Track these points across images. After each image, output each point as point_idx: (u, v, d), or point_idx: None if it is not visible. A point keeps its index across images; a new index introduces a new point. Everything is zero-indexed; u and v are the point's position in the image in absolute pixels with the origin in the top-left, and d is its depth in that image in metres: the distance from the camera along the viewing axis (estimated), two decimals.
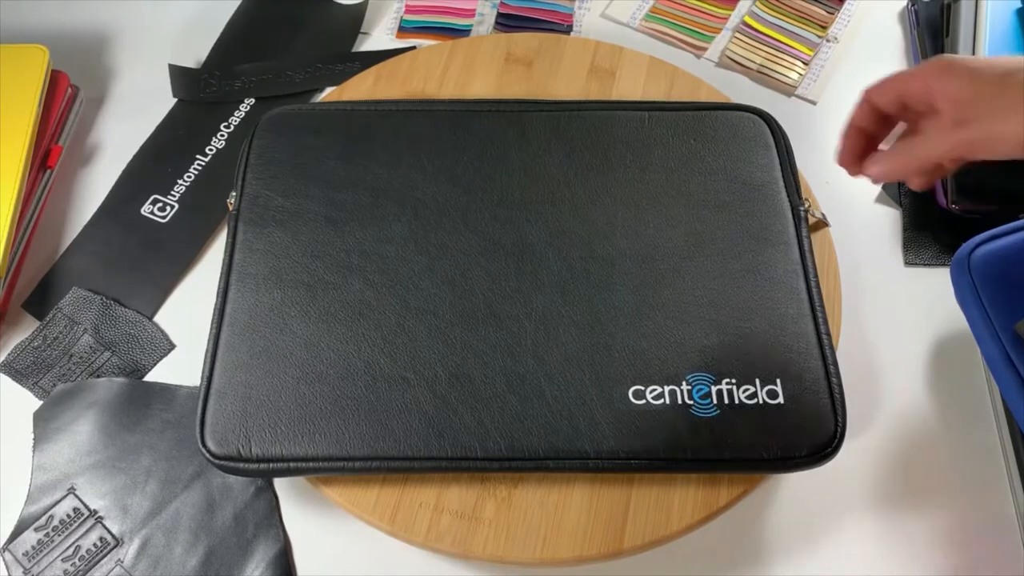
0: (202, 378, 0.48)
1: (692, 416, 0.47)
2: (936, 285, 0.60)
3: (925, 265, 0.62)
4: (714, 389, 0.48)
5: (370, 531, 0.48)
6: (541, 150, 0.57)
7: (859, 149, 0.49)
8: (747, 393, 0.48)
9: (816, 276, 0.52)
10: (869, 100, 0.47)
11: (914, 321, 0.60)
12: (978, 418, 0.56)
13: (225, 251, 0.53)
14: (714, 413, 0.47)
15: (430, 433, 0.47)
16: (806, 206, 0.54)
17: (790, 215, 0.54)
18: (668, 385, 0.48)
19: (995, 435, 0.56)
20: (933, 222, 0.63)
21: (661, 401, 0.48)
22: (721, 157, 0.55)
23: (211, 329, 0.50)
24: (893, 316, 0.60)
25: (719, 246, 0.53)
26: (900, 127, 0.48)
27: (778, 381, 0.48)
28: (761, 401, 0.47)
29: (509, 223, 0.53)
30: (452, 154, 0.56)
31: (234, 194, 0.55)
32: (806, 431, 0.47)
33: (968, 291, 0.51)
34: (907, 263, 0.62)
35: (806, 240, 0.53)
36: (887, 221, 0.64)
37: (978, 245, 0.52)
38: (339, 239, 0.53)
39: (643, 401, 0.48)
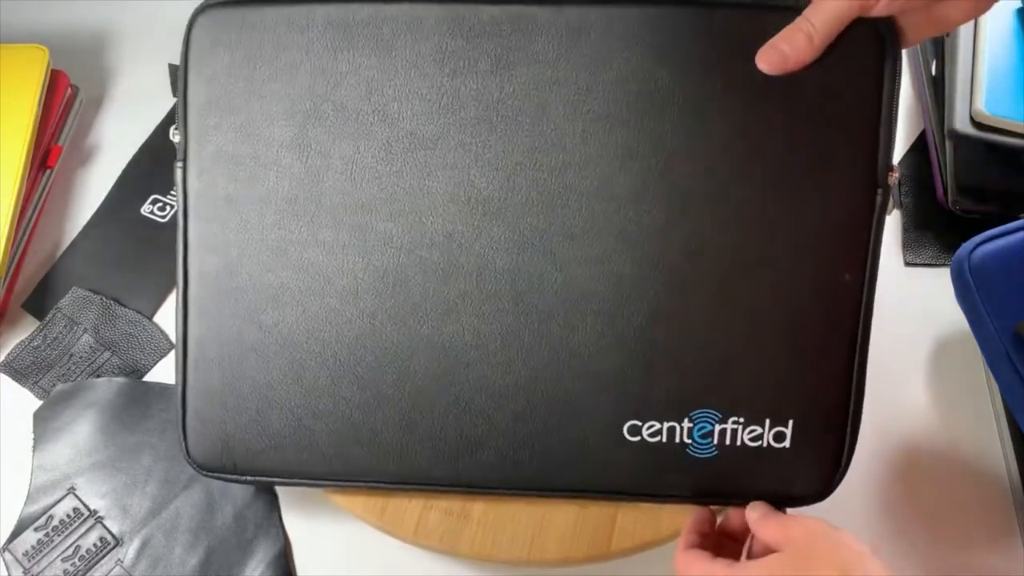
0: (177, 394, 0.47)
1: (688, 456, 0.45)
2: (936, 285, 0.60)
3: (925, 265, 0.62)
4: (718, 428, 0.44)
5: (370, 532, 0.48)
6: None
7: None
8: (752, 435, 0.44)
9: (872, 293, 0.43)
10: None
11: (914, 321, 0.60)
12: (978, 418, 0.56)
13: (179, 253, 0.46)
14: (712, 453, 0.44)
15: (429, 460, 0.46)
16: (894, 180, 0.42)
17: (866, 199, 0.43)
18: (668, 421, 0.44)
19: (995, 435, 0.55)
20: (933, 222, 0.63)
21: (657, 439, 0.44)
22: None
23: (177, 355, 0.46)
24: (893, 316, 0.60)
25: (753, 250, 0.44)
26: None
27: (790, 423, 0.44)
28: (765, 444, 0.44)
29: (515, 251, 0.44)
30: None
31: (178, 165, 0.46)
32: (806, 473, 0.45)
33: (968, 291, 0.51)
34: (907, 263, 0.62)
35: (875, 244, 0.44)
36: (887, 221, 0.64)
37: (978, 245, 0.52)
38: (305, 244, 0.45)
39: (638, 438, 0.45)
